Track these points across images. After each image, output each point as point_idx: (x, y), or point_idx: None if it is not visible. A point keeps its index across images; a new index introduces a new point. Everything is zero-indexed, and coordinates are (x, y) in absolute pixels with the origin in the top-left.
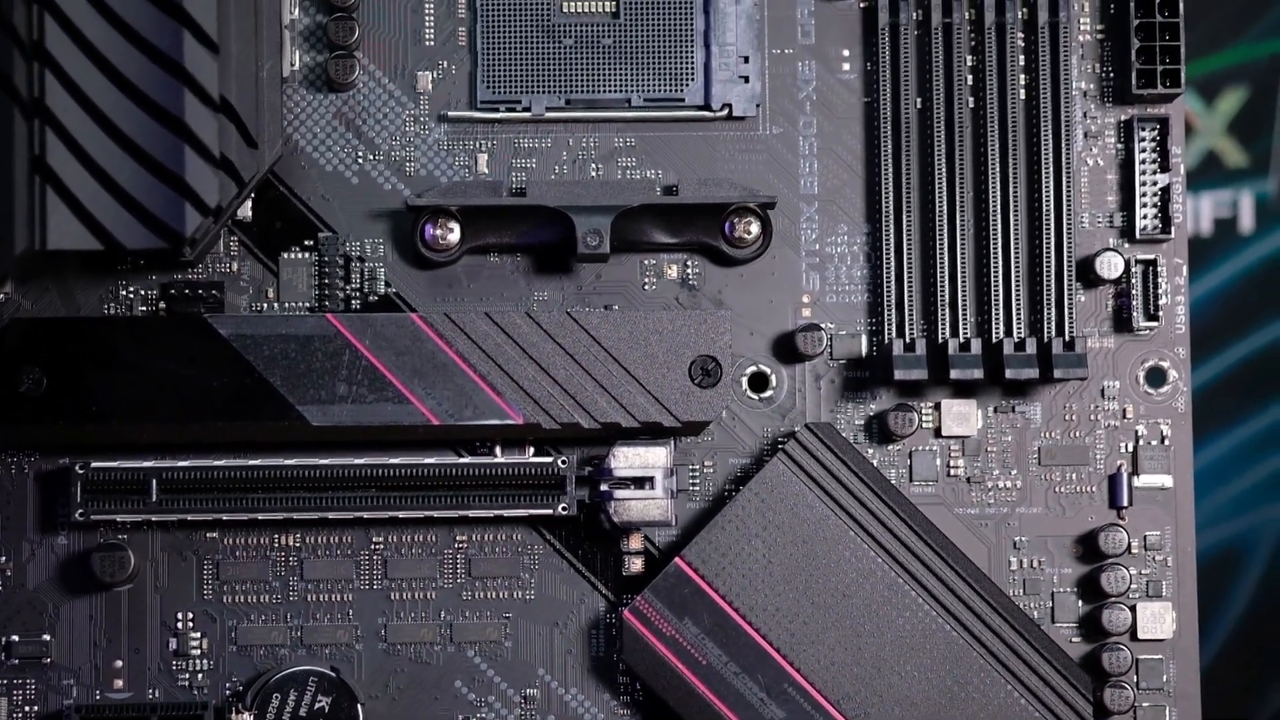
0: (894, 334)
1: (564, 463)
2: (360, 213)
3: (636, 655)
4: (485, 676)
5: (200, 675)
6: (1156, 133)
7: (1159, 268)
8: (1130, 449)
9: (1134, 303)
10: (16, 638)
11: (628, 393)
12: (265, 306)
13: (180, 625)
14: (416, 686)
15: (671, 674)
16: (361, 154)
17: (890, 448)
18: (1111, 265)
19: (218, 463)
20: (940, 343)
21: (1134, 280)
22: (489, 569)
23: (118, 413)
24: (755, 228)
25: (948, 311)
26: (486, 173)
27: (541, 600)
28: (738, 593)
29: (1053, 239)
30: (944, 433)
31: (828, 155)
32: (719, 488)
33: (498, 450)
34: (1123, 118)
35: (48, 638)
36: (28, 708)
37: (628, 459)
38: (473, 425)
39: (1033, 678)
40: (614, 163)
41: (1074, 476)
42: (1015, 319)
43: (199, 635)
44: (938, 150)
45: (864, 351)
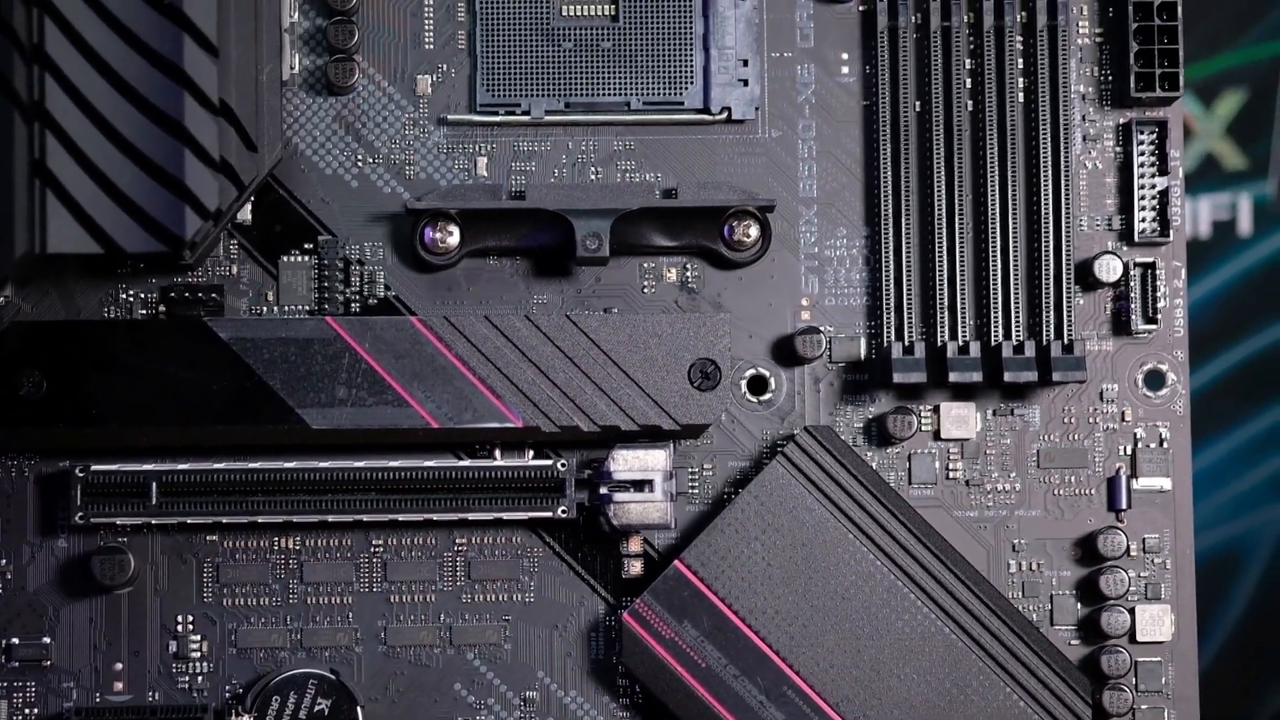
0: (893, 337)
1: (563, 466)
2: (360, 216)
3: (636, 658)
4: (485, 679)
5: (200, 678)
6: (1155, 136)
7: (1158, 271)
8: (1129, 452)
9: (1133, 306)
10: (16, 640)
11: (627, 396)
12: (265, 310)
13: (180, 628)
14: (416, 689)
15: (671, 677)
16: (361, 157)
17: (889, 450)
18: (1110, 268)
19: (218, 466)
20: (939, 346)
21: (1133, 283)
22: (488, 572)
23: (118, 416)
24: (754, 231)
25: (946, 314)
26: (486, 176)
27: (541, 603)
28: (737, 595)
29: (1051, 242)
30: (943, 436)
31: (827, 158)
32: (718, 491)
33: (497, 453)
34: (1121, 121)
35: (48, 640)
36: (28, 710)
37: (627, 462)
38: (472, 428)
39: (1031, 680)
40: (613, 166)
41: (1073, 479)
42: (1014, 322)
43: (199, 638)
44: (937, 153)
45: (863, 354)
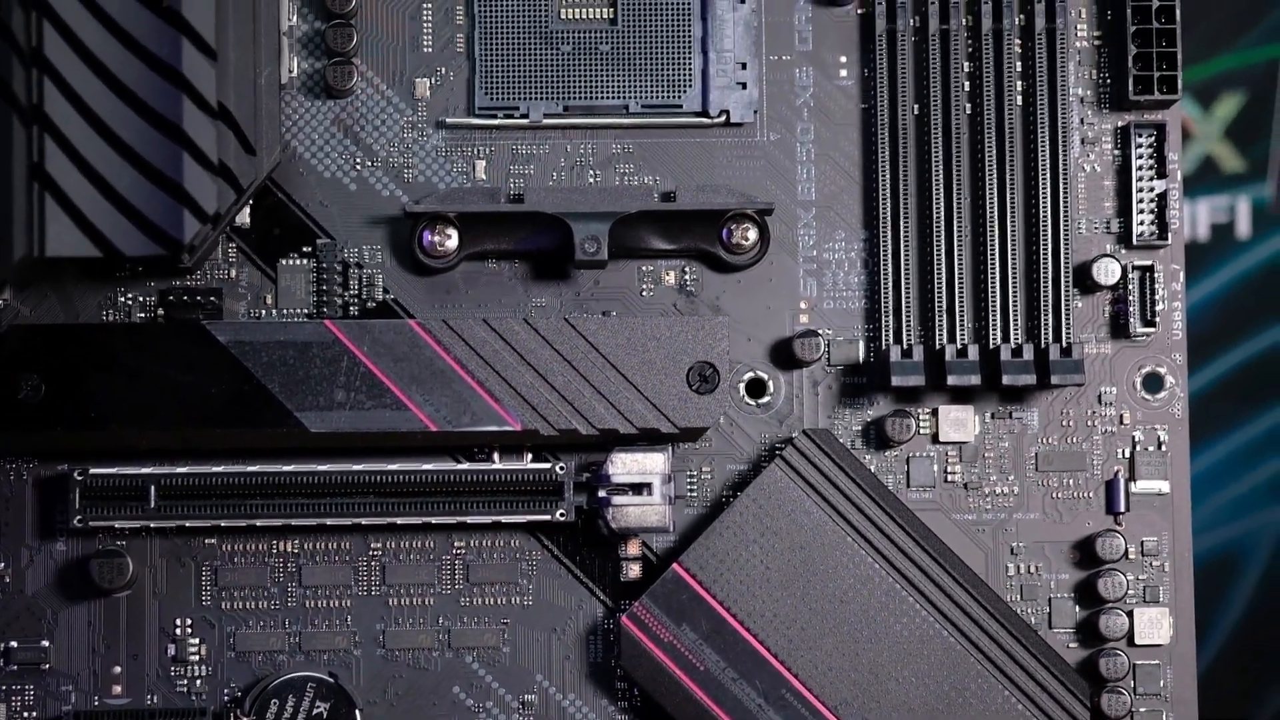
0: (891, 340)
1: (562, 469)
2: (358, 219)
3: (634, 661)
4: (483, 682)
5: (199, 681)
6: (1153, 138)
7: (1156, 273)
8: (1127, 455)
9: (1131, 308)
10: (15, 644)
11: (625, 399)
12: (264, 313)
13: (179, 631)
14: (415, 692)
15: (669, 680)
16: (360, 160)
17: (888, 454)
18: (1108, 271)
19: (216, 469)
20: (937, 349)
21: (1131, 286)
22: (487, 575)
23: (116, 419)
24: (753, 234)
25: (945, 317)
26: (484, 179)
27: (539, 606)
28: (735, 599)
29: (1050, 245)
30: (941, 439)
31: (825, 161)
32: (717, 494)
33: (496, 456)
34: (1120, 123)
35: (46, 644)
36: (26, 714)
37: (625, 465)
38: (471, 431)
39: (1030, 683)
40: (612, 169)
41: (1071, 482)
42: (1012, 325)
43: (197, 641)
44: (935, 156)
45: (861, 357)
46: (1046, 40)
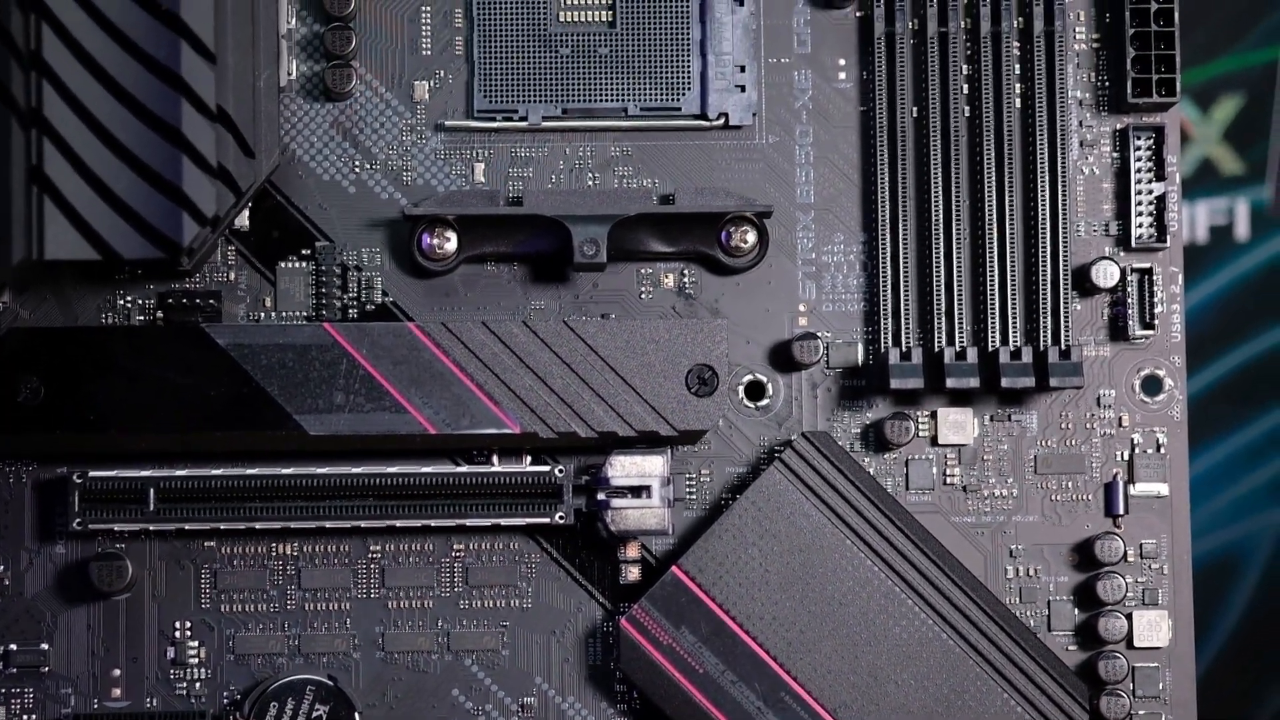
0: (890, 343)
1: (561, 472)
2: (357, 222)
3: (634, 664)
4: (483, 685)
5: (198, 684)
6: (1152, 141)
7: (1155, 276)
8: (1126, 457)
9: (1130, 311)
10: (14, 647)
11: (624, 402)
12: (263, 316)
13: (178, 634)
14: (414, 695)
15: (668, 683)
16: (358, 163)
17: (887, 456)
18: (1107, 274)
19: (215, 472)
20: (936, 351)
21: (1130, 289)
22: (486, 578)
23: (116, 422)
24: (752, 237)
25: (944, 320)
26: (483, 182)
27: (539, 609)
28: (735, 601)
29: (1048, 247)
30: (940, 441)
31: (824, 164)
32: (716, 496)
33: (495, 459)
34: (1118, 126)
35: (46, 647)
36: (26, 717)
37: (624, 468)
38: (470, 434)
39: (1029, 686)
40: (610, 172)
41: (1070, 485)
42: (1011, 328)
43: (197, 644)
44: (934, 159)
45: (860, 360)
46: (1045, 43)
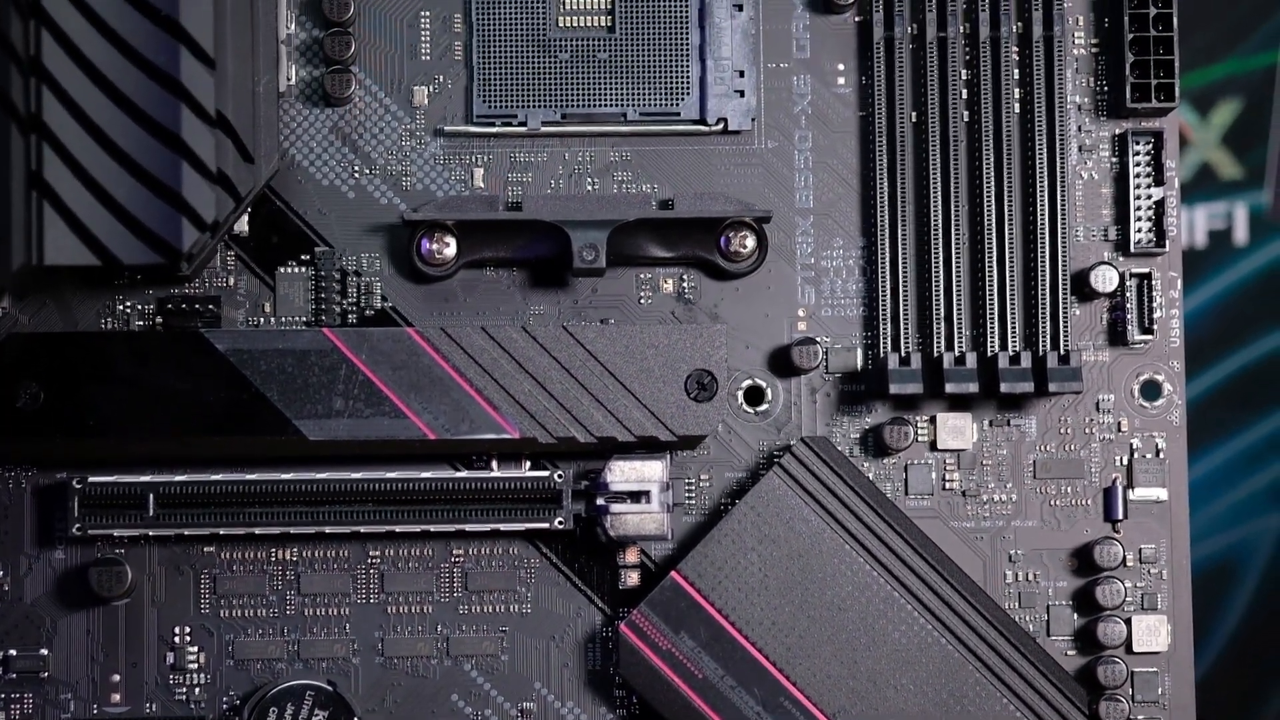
0: (889, 347)
1: (560, 477)
2: (357, 227)
3: (633, 669)
4: (482, 690)
5: (197, 689)
6: (1151, 146)
7: (1154, 281)
8: (1125, 462)
9: (1129, 316)
10: (14, 652)
11: (623, 407)
12: (262, 321)
13: (177, 639)
14: (413, 700)
15: (668, 688)
16: (358, 168)
17: (886, 461)
18: (1106, 278)
19: (215, 477)
20: (935, 356)
21: (1129, 293)
22: (486, 583)
23: (115, 427)
24: (751, 242)
25: (943, 325)
26: (483, 187)
27: (538, 614)
28: (734, 606)
29: (1047, 252)
30: (939, 446)
31: (823, 169)
32: (715, 501)
33: (494, 464)
34: (1117, 131)
35: (45, 652)
36: None
37: (624, 473)
38: (469, 439)
39: (1028, 691)
40: (610, 177)
41: (1069, 490)
42: (1010, 332)
43: (196, 649)
44: (933, 164)
45: (859, 365)
46: (1044, 48)
